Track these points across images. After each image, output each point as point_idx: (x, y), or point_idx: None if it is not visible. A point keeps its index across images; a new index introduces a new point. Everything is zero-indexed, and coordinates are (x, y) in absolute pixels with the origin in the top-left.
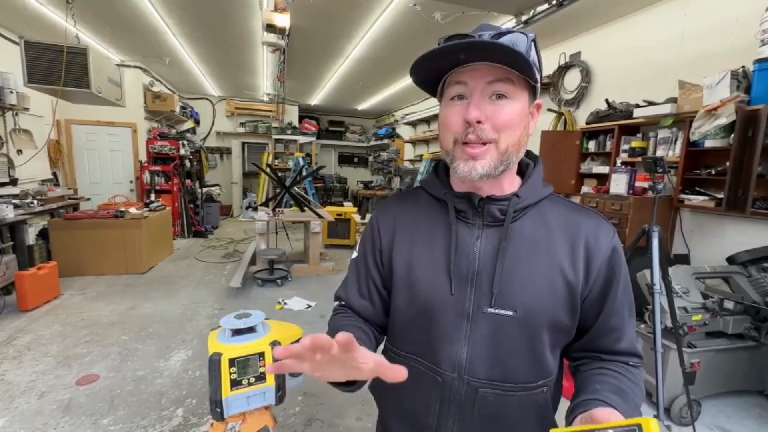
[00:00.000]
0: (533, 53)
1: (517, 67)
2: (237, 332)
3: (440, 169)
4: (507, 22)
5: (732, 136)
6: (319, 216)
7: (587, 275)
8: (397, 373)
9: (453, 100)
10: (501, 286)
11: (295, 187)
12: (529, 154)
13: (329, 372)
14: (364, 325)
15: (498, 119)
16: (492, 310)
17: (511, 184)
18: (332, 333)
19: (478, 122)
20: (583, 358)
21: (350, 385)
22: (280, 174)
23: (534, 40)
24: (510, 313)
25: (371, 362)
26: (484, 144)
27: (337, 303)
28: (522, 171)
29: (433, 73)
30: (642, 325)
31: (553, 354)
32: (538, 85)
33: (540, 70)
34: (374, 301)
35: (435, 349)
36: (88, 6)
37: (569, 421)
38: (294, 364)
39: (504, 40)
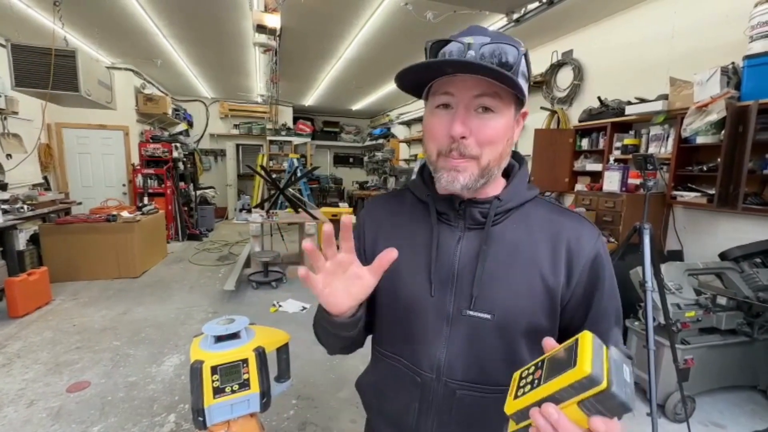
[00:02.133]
0: (523, 64)
1: (505, 83)
2: (220, 339)
3: (425, 171)
4: (498, 20)
5: (723, 132)
6: (314, 217)
7: (569, 278)
8: (389, 254)
9: (438, 108)
10: (480, 290)
11: (290, 189)
12: (515, 155)
13: (336, 288)
14: None
15: (482, 134)
16: (471, 313)
17: (494, 187)
18: (318, 320)
19: (462, 137)
20: None
21: (354, 316)
22: (274, 176)
23: (525, 54)
24: (488, 316)
25: (365, 268)
26: (468, 159)
27: None
28: (508, 173)
29: (419, 81)
30: (635, 323)
31: (533, 357)
32: (526, 98)
33: (529, 81)
34: None
35: (415, 349)
36: (76, 8)
37: None
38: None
39: (494, 49)
